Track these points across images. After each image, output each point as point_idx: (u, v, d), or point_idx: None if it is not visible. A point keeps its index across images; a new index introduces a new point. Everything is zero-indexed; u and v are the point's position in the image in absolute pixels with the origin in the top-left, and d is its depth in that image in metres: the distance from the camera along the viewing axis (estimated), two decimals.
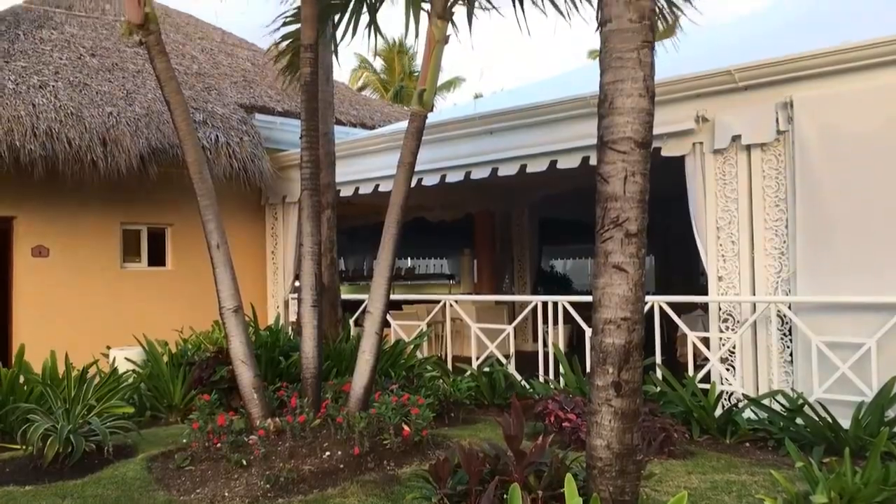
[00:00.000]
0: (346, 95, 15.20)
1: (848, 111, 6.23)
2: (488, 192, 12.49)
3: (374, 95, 32.42)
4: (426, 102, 6.49)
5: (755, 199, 6.78)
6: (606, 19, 4.11)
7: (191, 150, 6.28)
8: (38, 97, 9.24)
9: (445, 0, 6.33)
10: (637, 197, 3.97)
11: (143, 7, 6.06)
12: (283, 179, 11.26)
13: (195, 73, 12.18)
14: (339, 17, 6.96)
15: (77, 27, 11.55)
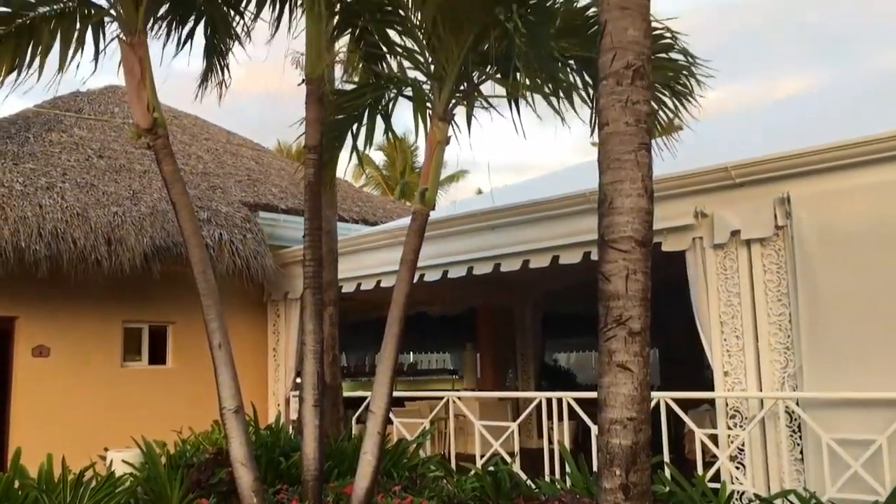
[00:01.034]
0: (349, 192, 15.43)
1: (846, 207, 6.31)
2: (491, 286, 12.51)
3: (375, 191, 32.91)
4: (428, 201, 6.57)
5: (757, 293, 6.78)
6: (604, 122, 4.21)
7: (195, 250, 6.33)
8: (46, 198, 9.39)
9: (446, 102, 6.50)
10: (639, 295, 3.98)
11: (151, 112, 6.22)
12: (286, 276, 11.31)
13: (201, 172, 12.41)
14: (357, 127, 7.18)
15: (86, 130, 11.84)
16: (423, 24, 6.40)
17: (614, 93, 4.16)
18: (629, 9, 4.23)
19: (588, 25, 6.11)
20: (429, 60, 6.63)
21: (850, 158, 6.27)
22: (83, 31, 6.43)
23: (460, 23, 6.17)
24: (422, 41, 6.54)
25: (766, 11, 36.52)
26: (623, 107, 4.13)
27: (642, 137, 4.13)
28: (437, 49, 6.41)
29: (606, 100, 4.23)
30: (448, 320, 14.70)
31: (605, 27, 4.28)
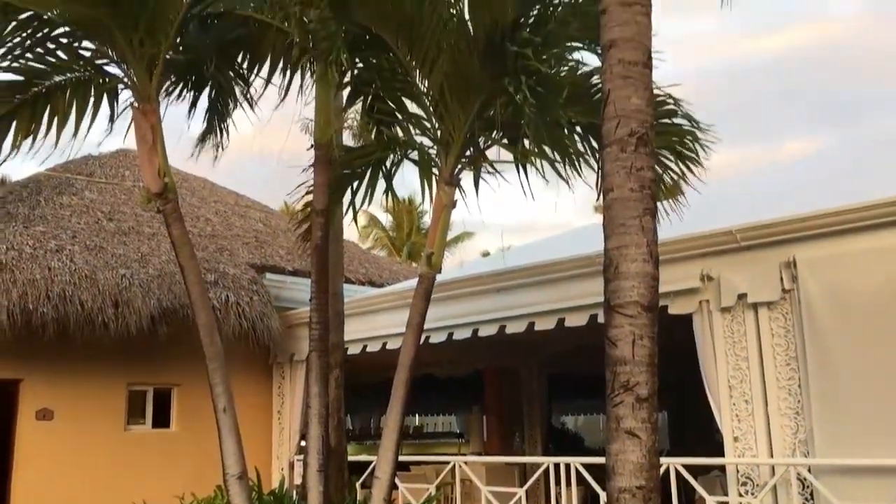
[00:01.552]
0: (356, 254, 15.49)
1: (853, 271, 6.31)
2: (497, 348, 12.44)
3: (382, 252, 33.04)
4: (434, 265, 6.61)
5: (766, 357, 6.73)
6: (608, 188, 4.26)
7: (202, 314, 6.35)
8: (55, 261, 9.46)
9: (452, 167, 6.59)
10: (646, 361, 3.97)
11: (162, 177, 6.32)
12: (292, 337, 11.28)
13: (209, 234, 12.51)
14: (357, 184, 7.25)
15: (96, 193, 11.98)
16: (431, 91, 6.52)
17: (618, 159, 4.22)
18: (632, 77, 4.32)
19: (592, 93, 6.23)
20: (436, 126, 6.74)
21: (856, 223, 6.29)
22: (98, 99, 6.58)
23: (467, 91, 6.30)
24: (429, 108, 6.66)
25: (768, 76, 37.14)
26: (627, 173, 4.18)
27: (647, 203, 4.17)
28: (444, 116, 6.52)
29: (611, 166, 4.28)
30: (454, 382, 14.58)
31: (609, 95, 4.36)
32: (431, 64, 6.37)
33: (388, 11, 6.23)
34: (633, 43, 4.37)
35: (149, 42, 6.29)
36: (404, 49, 6.44)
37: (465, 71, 6.24)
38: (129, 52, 6.27)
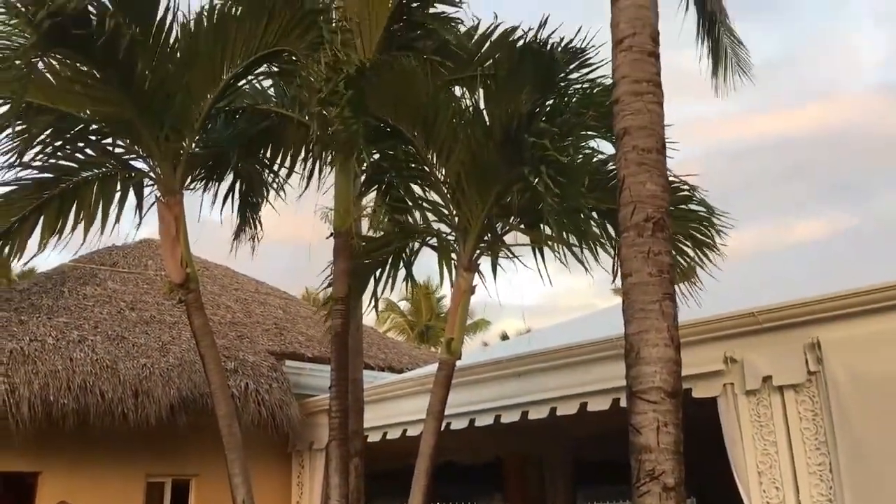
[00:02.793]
0: (375, 339, 15.47)
1: (879, 352, 6.21)
2: (519, 434, 12.25)
3: (400, 337, 32.94)
4: (454, 351, 6.59)
5: (794, 442, 6.58)
6: (627, 273, 4.28)
7: (222, 403, 6.34)
8: (77, 351, 9.52)
9: (471, 253, 6.64)
10: (672, 448, 3.90)
11: (184, 268, 6.42)
12: (311, 425, 11.17)
13: (229, 322, 12.57)
14: (378, 273, 7.33)
15: (119, 283, 12.14)
16: (448, 179, 6.64)
17: (636, 245, 4.26)
18: (646, 164, 4.40)
19: (608, 178, 6.31)
20: (453, 213, 6.83)
21: (880, 303, 6.23)
22: (123, 193, 6.75)
23: (484, 179, 6.40)
24: (446, 195, 6.76)
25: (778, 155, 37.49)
26: (645, 258, 4.21)
27: (666, 287, 4.19)
28: (462, 203, 6.61)
29: (628, 251, 4.31)
30: (475, 469, 14.30)
31: (624, 182, 4.43)
32: (448, 153, 6.51)
33: (404, 105, 6.40)
34: (647, 130, 4.47)
35: (174, 138, 6.49)
36: (421, 139, 6.59)
37: (482, 160, 6.36)
38: (154, 147, 6.47)
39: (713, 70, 6.96)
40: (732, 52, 7.06)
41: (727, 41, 7.00)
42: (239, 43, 6.43)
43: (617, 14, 4.74)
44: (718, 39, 6.89)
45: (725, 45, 6.99)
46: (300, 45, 6.43)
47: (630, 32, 4.64)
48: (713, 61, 6.94)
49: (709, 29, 6.82)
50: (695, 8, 6.75)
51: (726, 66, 7.07)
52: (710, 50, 6.87)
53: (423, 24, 7.15)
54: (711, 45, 6.86)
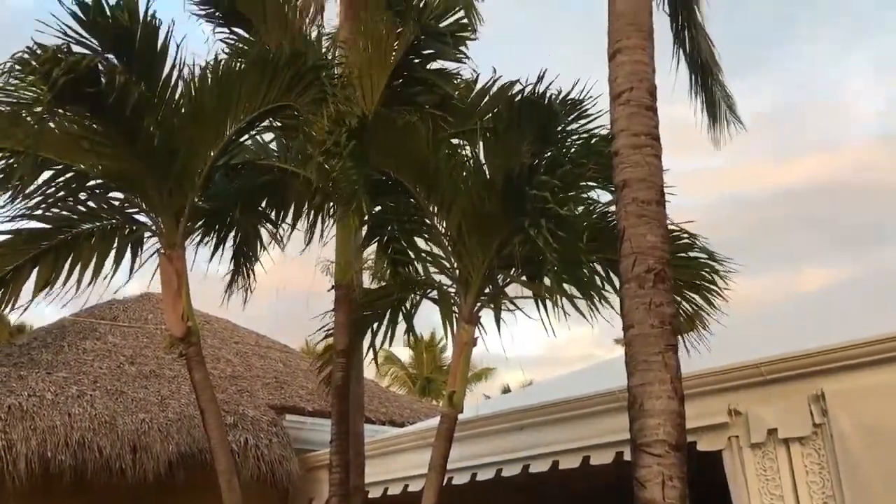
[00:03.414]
0: (375, 392, 15.34)
1: (885, 404, 6.16)
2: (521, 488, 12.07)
3: (401, 390, 32.68)
4: (456, 404, 6.54)
5: (801, 495, 6.48)
6: (629, 324, 4.28)
7: (222, 458, 6.26)
8: (75, 407, 9.44)
9: (472, 306, 6.63)
10: (677, 502, 3.84)
11: (185, 322, 6.40)
12: (311, 481, 11.00)
13: (229, 375, 12.49)
14: (378, 325, 7.32)
15: (119, 337, 12.10)
16: (449, 231, 6.67)
17: (637, 296, 4.26)
18: (646, 216, 4.43)
19: (609, 229, 6.33)
20: (454, 265, 6.84)
21: (885, 353, 6.20)
22: (123, 246, 6.77)
23: (485, 231, 6.43)
24: (447, 248, 6.78)
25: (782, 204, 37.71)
26: (647, 309, 4.21)
27: (668, 339, 4.18)
28: (463, 255, 6.63)
29: (630, 303, 4.31)
30: None
31: (624, 233, 4.45)
32: (449, 206, 6.55)
33: (405, 158, 6.47)
34: (646, 183, 4.51)
35: (177, 192, 6.54)
36: (422, 192, 6.64)
37: (483, 212, 6.40)
38: (157, 201, 6.51)
39: (710, 123, 7.06)
40: (726, 105, 7.16)
41: (720, 94, 7.11)
42: (243, 99, 6.53)
43: (615, 69, 4.83)
44: (712, 93, 6.99)
45: (719, 99, 7.10)
46: (303, 100, 6.52)
47: (628, 87, 4.72)
48: (709, 115, 7.04)
49: (702, 83, 6.93)
50: (686, 63, 6.86)
51: (721, 119, 7.17)
52: (703, 103, 6.97)
53: (424, 79, 7.26)
54: (706, 98, 6.96)
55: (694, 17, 6.67)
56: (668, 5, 6.63)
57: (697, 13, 6.67)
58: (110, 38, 6.16)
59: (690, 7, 6.62)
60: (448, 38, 7.12)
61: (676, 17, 6.70)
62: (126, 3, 5.96)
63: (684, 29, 6.73)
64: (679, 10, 6.65)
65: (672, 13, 6.64)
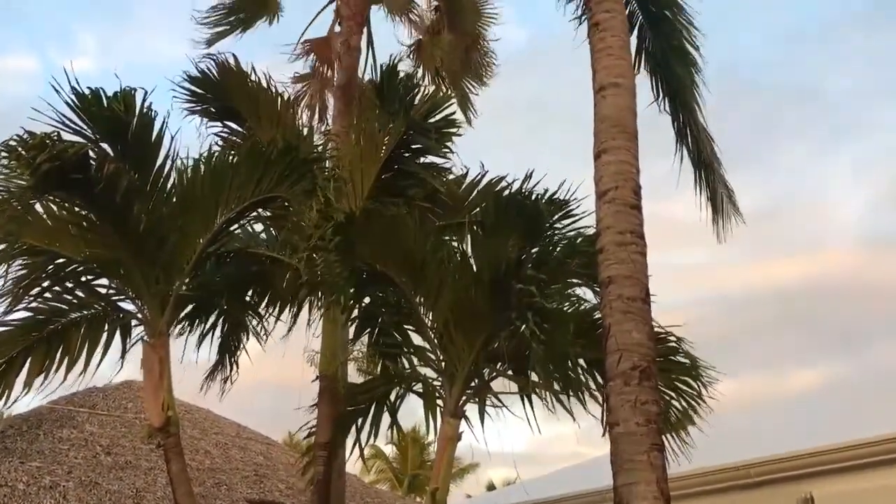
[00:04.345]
0: (357, 488, 14.94)
1: None
2: None
3: (385, 486, 31.86)
4: (439, 501, 6.37)
5: None
6: (614, 422, 4.24)
7: None
8: (47, 498, 9.12)
9: (457, 400, 6.55)
10: None
11: (166, 411, 6.29)
12: None
13: (207, 468, 12.16)
14: (362, 420, 7.20)
15: (97, 425, 11.81)
16: (435, 325, 6.65)
17: (622, 393, 4.24)
18: (632, 313, 4.45)
19: (595, 326, 6.32)
20: (440, 358, 6.79)
21: (871, 457, 6.15)
22: (110, 335, 6.70)
23: (472, 324, 6.42)
24: (433, 341, 6.75)
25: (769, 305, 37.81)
26: (633, 407, 4.18)
27: (654, 438, 4.13)
28: (449, 348, 6.59)
29: (616, 399, 4.29)
30: None
31: (610, 330, 4.46)
32: (436, 299, 6.55)
33: (393, 251, 6.52)
34: (632, 280, 4.55)
35: (164, 279, 6.53)
36: (409, 285, 6.66)
37: (470, 305, 6.40)
38: (144, 289, 6.49)
39: (713, 217, 7.17)
40: (728, 200, 7.29)
41: (722, 189, 7.25)
42: (234, 189, 6.60)
43: (600, 168, 4.94)
44: (715, 189, 7.13)
45: (721, 194, 7.23)
46: (294, 191, 6.60)
47: (613, 185, 4.82)
48: (712, 209, 7.16)
49: (704, 179, 7.07)
50: (689, 159, 7.02)
51: (723, 212, 7.28)
52: (708, 198, 7.10)
53: (414, 173, 7.38)
54: (709, 194, 7.10)
55: (694, 116, 6.89)
56: (670, 105, 6.85)
57: (698, 113, 6.89)
58: (105, 128, 6.26)
59: (690, 108, 6.84)
60: (435, 133, 7.29)
61: (678, 117, 6.91)
62: (123, 96, 6.09)
63: (686, 127, 6.93)
64: (679, 111, 6.86)
65: (673, 114, 6.86)
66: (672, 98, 6.82)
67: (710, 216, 7.19)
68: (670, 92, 6.79)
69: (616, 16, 5.31)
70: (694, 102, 6.85)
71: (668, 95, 6.79)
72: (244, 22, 9.93)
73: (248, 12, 9.90)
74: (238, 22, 9.92)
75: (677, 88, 6.78)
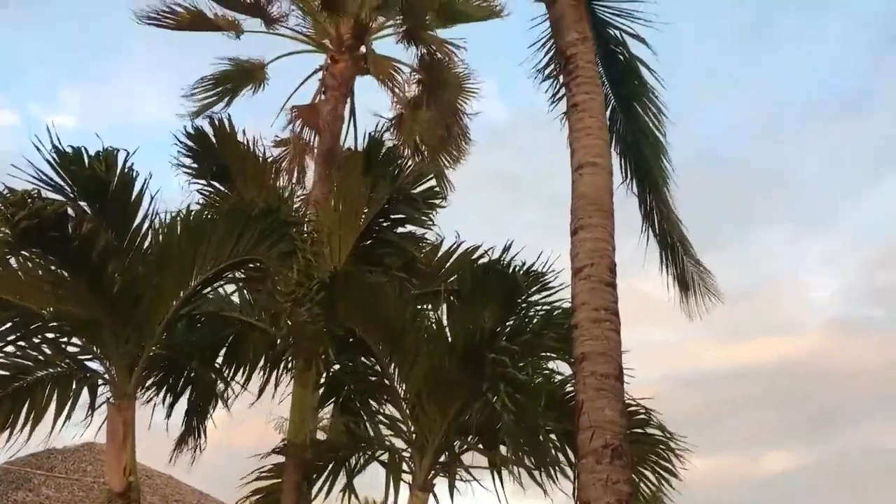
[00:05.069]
0: None
1: None
2: None
3: None
4: None
5: None
6: (585, 501, 4.21)
7: None
8: None
9: (427, 472, 6.46)
10: None
11: (127, 476, 6.12)
12: None
13: None
14: (316, 477, 7.05)
15: (54, 489, 11.45)
16: (408, 394, 6.61)
17: (594, 471, 4.22)
18: (605, 390, 4.46)
19: (566, 400, 6.33)
20: (411, 429, 6.72)
21: None
22: (77, 394, 6.57)
23: (445, 394, 6.40)
24: (405, 410, 6.69)
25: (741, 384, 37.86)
26: (604, 486, 4.16)
27: None
28: (421, 418, 6.54)
29: (587, 477, 4.27)
30: None
31: (583, 406, 4.46)
32: (411, 367, 6.54)
33: (372, 317, 6.52)
34: (605, 356, 4.57)
35: (134, 340, 6.44)
36: (386, 352, 6.64)
37: (444, 375, 6.39)
38: (113, 348, 6.39)
39: (683, 296, 7.23)
40: (699, 279, 7.36)
41: (693, 269, 7.32)
42: (212, 249, 6.57)
43: (577, 245, 5.01)
44: (683, 268, 7.20)
45: (691, 273, 7.30)
46: (271, 254, 6.59)
47: (589, 262, 4.88)
48: (681, 288, 7.22)
49: (672, 259, 7.16)
50: (655, 240, 7.11)
51: (694, 291, 7.34)
52: (675, 277, 7.17)
53: (393, 241, 7.43)
54: (677, 273, 7.17)
55: (662, 198, 7.01)
56: (638, 187, 6.97)
57: (666, 194, 7.02)
58: (85, 186, 6.25)
59: (658, 190, 6.97)
60: (419, 204, 7.37)
61: (645, 198, 7.03)
62: (105, 155, 6.10)
63: (652, 210, 7.05)
64: (647, 193, 7.00)
65: (640, 196, 6.98)
66: (640, 180, 6.97)
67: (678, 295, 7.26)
68: (639, 174, 6.95)
69: (595, 98, 5.47)
70: (662, 185, 7.00)
71: (637, 177, 6.95)
72: (231, 91, 10.08)
73: (234, 82, 10.06)
74: (225, 92, 10.07)
75: (646, 171, 6.95)
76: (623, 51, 6.61)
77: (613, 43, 6.55)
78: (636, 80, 6.68)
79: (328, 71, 9.59)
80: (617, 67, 6.57)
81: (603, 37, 6.34)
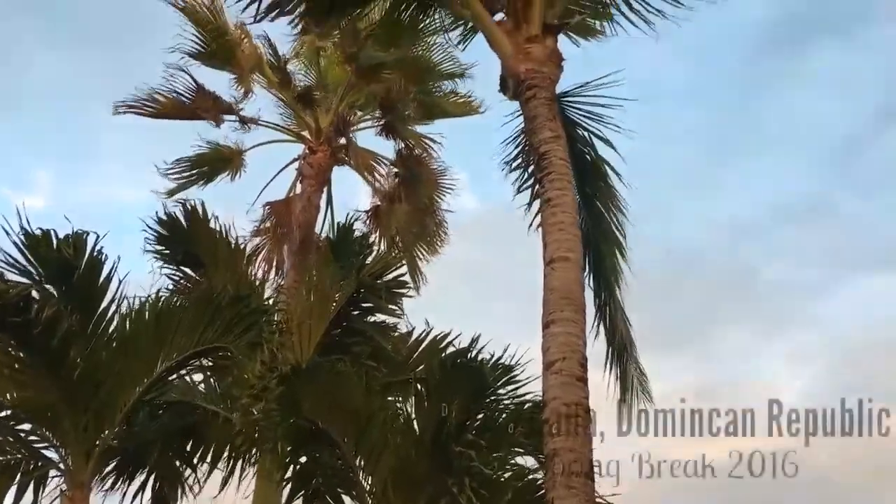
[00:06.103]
0: None
1: None
2: None
3: None
4: None
5: None
6: None
7: None
8: None
9: None
10: None
11: None
12: None
13: None
14: None
15: None
16: (374, 488, 6.44)
17: None
18: (575, 489, 4.39)
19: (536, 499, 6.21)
20: None
21: None
22: (24, 485, 6.32)
23: (411, 488, 6.25)
24: None
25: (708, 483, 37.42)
26: None
27: None
28: None
29: None
30: None
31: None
32: (377, 460, 6.39)
33: (337, 408, 6.39)
34: (576, 454, 4.52)
35: (93, 427, 6.26)
36: (351, 444, 6.49)
37: (410, 469, 6.25)
38: (71, 436, 6.20)
39: (621, 397, 7.23)
40: (638, 382, 7.38)
41: (634, 372, 7.36)
42: (179, 336, 6.49)
43: (548, 339, 4.99)
44: (626, 370, 7.23)
45: (632, 375, 7.33)
46: (239, 342, 6.51)
47: (560, 357, 4.86)
48: (621, 388, 7.22)
49: (617, 358, 7.19)
50: (605, 338, 7.15)
51: (632, 393, 7.36)
52: (617, 377, 7.19)
53: (362, 330, 7.38)
54: (619, 373, 7.18)
55: (614, 296, 7.09)
56: (594, 282, 7.05)
57: (618, 293, 7.10)
58: (52, 269, 6.20)
59: (611, 288, 7.07)
60: (386, 293, 7.36)
61: (600, 293, 7.11)
62: (74, 239, 6.07)
63: (605, 306, 7.12)
64: (602, 289, 7.08)
65: (596, 290, 7.06)
66: (596, 276, 7.05)
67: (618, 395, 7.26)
68: (595, 269, 7.03)
69: (567, 194, 5.56)
70: (615, 284, 7.09)
71: (594, 272, 7.03)
72: (206, 175, 10.14)
73: (210, 167, 10.13)
74: (200, 175, 10.12)
75: (601, 268, 7.04)
76: (590, 151, 6.78)
77: (581, 143, 6.72)
78: (601, 181, 6.85)
79: (305, 160, 9.74)
80: (584, 166, 6.72)
81: (572, 136, 6.50)
